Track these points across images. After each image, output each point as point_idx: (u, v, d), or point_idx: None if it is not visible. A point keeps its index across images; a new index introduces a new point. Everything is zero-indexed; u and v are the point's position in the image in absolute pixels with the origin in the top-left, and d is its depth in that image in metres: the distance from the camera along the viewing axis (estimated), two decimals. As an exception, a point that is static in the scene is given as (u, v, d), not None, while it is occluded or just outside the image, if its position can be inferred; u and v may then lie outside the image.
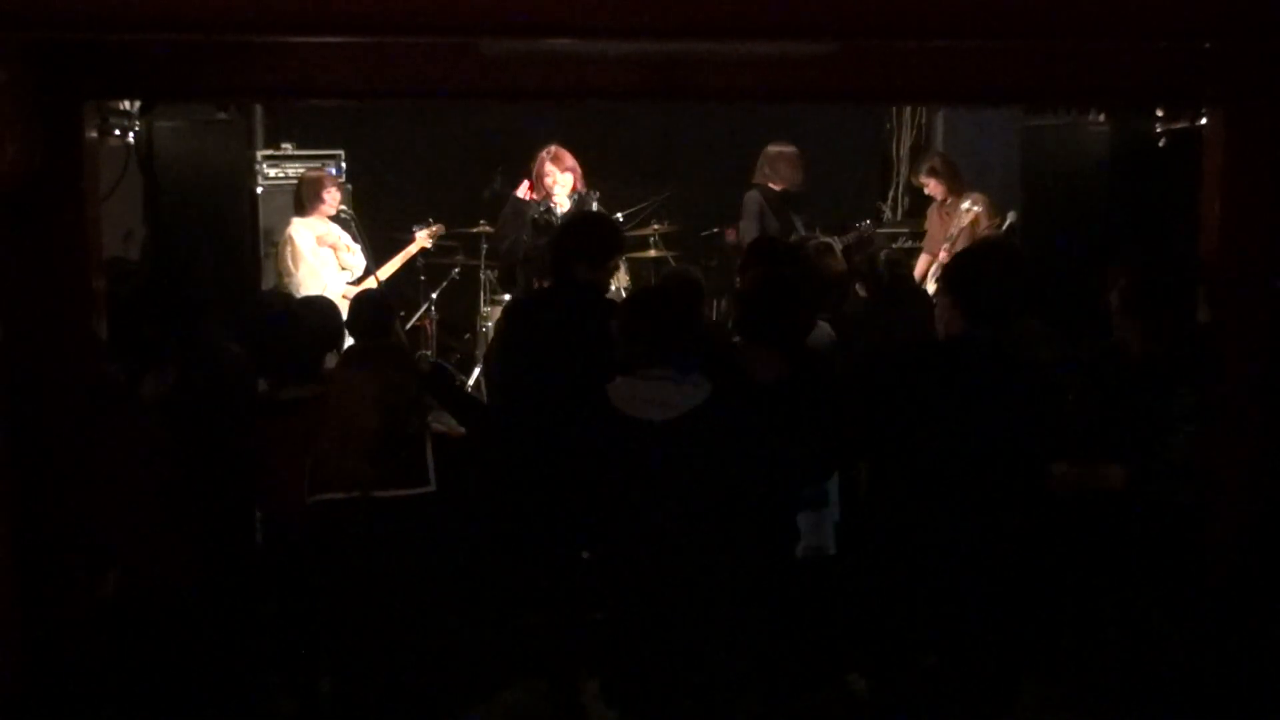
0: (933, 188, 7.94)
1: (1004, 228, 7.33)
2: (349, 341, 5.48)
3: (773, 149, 7.93)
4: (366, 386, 3.55)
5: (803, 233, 7.55)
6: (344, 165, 7.98)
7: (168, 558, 4.17)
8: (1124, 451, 4.09)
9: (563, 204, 7.07)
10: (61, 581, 4.42)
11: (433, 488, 3.55)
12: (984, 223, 7.47)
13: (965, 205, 7.52)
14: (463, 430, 4.17)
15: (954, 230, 7.40)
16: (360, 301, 5.37)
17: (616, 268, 5.33)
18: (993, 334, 3.82)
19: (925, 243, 7.93)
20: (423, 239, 7.56)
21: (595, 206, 7.21)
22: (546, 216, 7.02)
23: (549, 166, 7.08)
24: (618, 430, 3.53)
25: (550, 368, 4.51)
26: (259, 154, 7.81)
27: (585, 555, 4.45)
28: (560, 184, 7.06)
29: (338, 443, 3.56)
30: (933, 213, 8.00)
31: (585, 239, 4.91)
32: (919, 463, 3.77)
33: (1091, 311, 4.87)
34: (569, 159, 7.13)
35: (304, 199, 7.02)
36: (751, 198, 7.80)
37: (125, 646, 4.26)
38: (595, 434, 3.60)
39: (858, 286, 5.96)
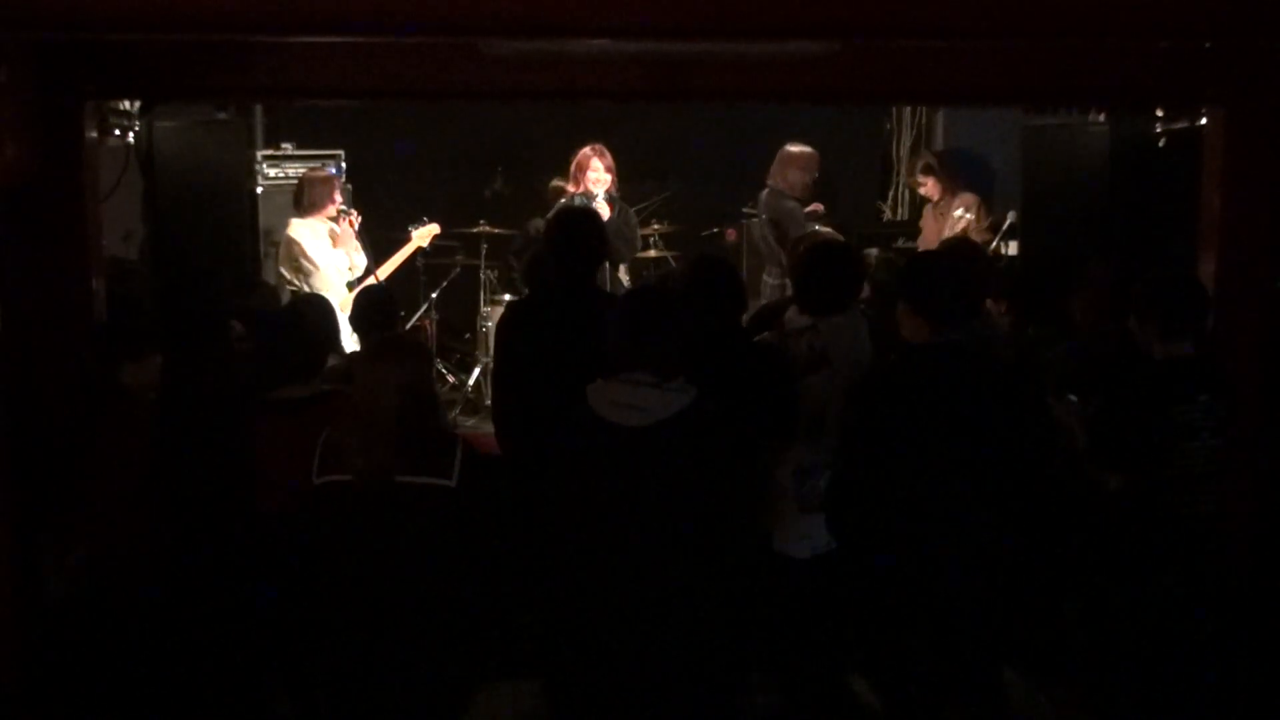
0: (929, 188, 7.83)
1: (1004, 228, 7.31)
2: (349, 339, 5.50)
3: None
4: (390, 378, 3.54)
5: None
6: (344, 165, 7.96)
7: (139, 549, 4.19)
8: (1136, 457, 3.97)
9: (602, 203, 6.95)
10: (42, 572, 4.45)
11: (453, 484, 3.52)
12: (980, 224, 7.44)
13: (958, 212, 7.46)
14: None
15: (947, 233, 7.31)
16: (365, 296, 5.32)
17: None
18: (961, 337, 3.76)
19: (920, 244, 7.68)
20: (419, 238, 7.48)
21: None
22: None
23: (595, 162, 6.97)
24: (591, 434, 3.35)
25: (561, 370, 4.47)
26: (259, 154, 7.78)
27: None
28: (602, 182, 6.98)
29: (359, 430, 3.54)
30: (927, 213, 7.90)
31: (601, 238, 4.85)
32: (914, 469, 3.73)
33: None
34: (610, 159, 7.04)
35: (314, 199, 6.65)
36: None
37: (117, 644, 4.27)
38: (568, 438, 3.43)
39: None
